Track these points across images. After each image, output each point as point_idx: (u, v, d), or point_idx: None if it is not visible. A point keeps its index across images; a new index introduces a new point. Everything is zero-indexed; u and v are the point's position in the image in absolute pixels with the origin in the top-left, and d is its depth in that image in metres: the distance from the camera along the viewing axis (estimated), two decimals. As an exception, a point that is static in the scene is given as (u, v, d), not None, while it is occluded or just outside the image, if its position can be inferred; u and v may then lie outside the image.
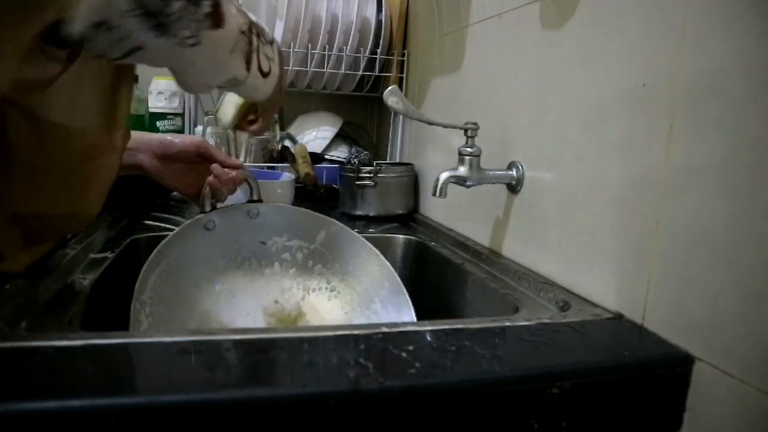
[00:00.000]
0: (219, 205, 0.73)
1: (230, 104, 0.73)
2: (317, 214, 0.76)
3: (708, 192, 0.45)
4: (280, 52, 0.62)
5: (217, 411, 0.35)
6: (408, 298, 0.71)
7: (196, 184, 0.75)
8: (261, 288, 0.74)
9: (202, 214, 0.70)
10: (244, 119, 0.75)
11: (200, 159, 0.76)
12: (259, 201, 0.76)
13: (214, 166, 0.75)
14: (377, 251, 0.74)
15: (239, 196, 0.81)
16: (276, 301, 0.73)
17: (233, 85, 0.56)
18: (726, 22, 0.44)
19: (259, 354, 0.41)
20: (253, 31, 0.54)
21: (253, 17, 0.55)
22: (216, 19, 0.45)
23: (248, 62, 0.54)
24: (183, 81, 0.52)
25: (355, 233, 0.76)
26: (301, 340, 0.44)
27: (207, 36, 0.46)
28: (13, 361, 0.38)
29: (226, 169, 0.75)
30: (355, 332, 0.46)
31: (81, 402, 0.33)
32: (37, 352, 0.39)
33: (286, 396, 0.36)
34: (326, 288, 0.76)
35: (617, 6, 0.57)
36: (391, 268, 0.74)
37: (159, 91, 1.26)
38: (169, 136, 0.77)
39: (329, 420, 0.37)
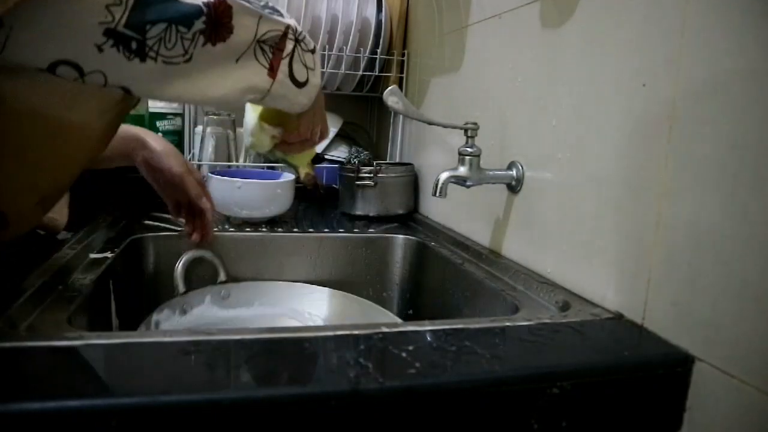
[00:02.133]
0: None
1: (255, 126, 0.68)
2: (283, 283, 0.81)
3: (708, 192, 0.45)
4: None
5: (217, 411, 0.35)
6: None
7: (173, 195, 0.78)
8: None
9: (179, 296, 0.74)
10: (284, 134, 0.68)
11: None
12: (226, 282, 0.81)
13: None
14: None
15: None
16: None
17: (254, 95, 0.51)
18: (726, 22, 0.44)
19: (260, 354, 0.41)
20: (289, 36, 0.51)
21: (290, 21, 0.52)
22: (215, 34, 0.43)
23: (272, 69, 0.51)
24: (190, 100, 0.50)
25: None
26: (301, 340, 0.44)
27: (202, 52, 0.43)
28: (13, 361, 0.38)
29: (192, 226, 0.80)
30: (355, 332, 0.46)
31: (81, 402, 0.33)
32: (37, 352, 0.39)
33: (286, 396, 0.36)
34: None
35: (617, 6, 0.57)
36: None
37: (159, 91, 1.26)
38: (164, 157, 0.75)
39: (329, 420, 0.37)
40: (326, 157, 1.25)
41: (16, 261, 0.58)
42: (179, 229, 0.85)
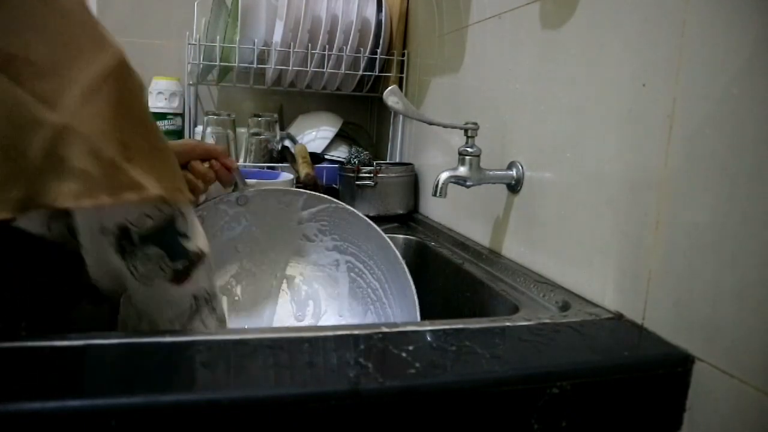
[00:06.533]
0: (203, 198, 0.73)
1: None
2: (302, 191, 0.77)
3: (708, 192, 0.45)
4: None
5: (217, 411, 0.35)
6: (410, 280, 0.72)
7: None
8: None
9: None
10: None
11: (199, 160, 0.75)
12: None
13: (193, 163, 0.72)
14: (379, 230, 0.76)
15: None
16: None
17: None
18: (726, 22, 0.44)
19: (259, 353, 0.41)
20: (207, 302, 0.52)
21: (217, 292, 0.54)
22: (180, 279, 0.48)
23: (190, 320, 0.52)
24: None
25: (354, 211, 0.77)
26: (301, 340, 0.44)
27: (160, 283, 0.47)
28: (13, 361, 0.38)
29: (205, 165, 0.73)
30: (355, 332, 0.46)
31: (81, 402, 0.33)
32: (37, 352, 0.39)
33: (286, 396, 0.36)
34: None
35: (617, 6, 0.57)
36: (392, 245, 0.75)
37: (159, 91, 1.26)
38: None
39: (329, 420, 0.37)
40: (326, 157, 1.25)
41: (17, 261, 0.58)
42: None
